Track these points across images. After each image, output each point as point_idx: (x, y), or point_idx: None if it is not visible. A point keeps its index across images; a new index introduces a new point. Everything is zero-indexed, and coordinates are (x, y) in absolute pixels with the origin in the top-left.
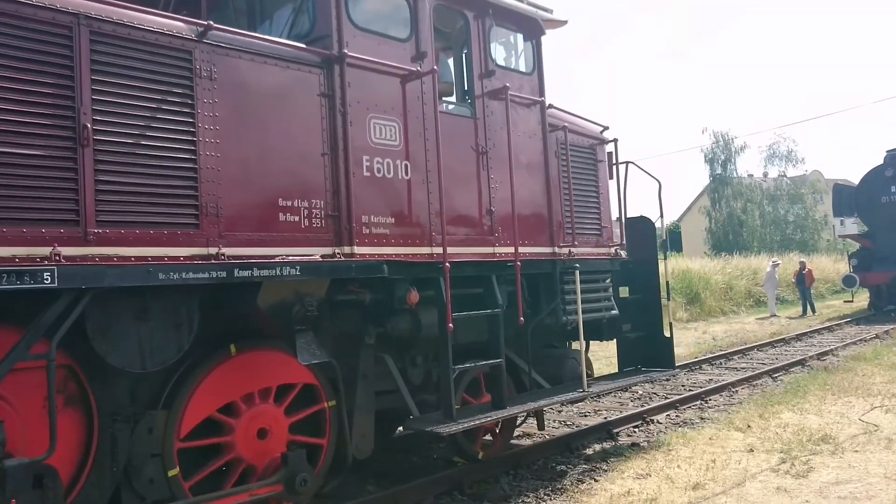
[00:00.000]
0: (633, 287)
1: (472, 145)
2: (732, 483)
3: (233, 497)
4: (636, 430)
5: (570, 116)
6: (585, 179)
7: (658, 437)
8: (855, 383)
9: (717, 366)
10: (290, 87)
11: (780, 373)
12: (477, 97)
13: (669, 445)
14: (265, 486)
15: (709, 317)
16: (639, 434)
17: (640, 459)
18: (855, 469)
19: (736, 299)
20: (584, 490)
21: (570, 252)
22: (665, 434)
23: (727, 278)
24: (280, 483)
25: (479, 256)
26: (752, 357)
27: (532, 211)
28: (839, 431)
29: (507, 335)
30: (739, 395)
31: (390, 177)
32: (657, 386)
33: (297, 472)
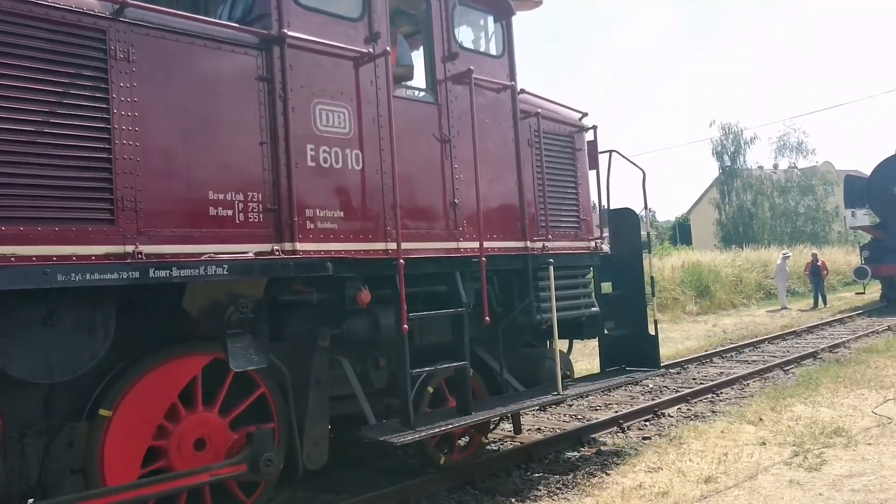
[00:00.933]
0: (616, 283)
1: (435, 133)
2: (745, 476)
3: (193, 477)
4: (647, 424)
5: (544, 102)
6: (562, 169)
7: (669, 431)
8: (867, 376)
9: (728, 359)
10: (222, 71)
11: (792, 365)
12: (440, 82)
13: (681, 439)
14: (228, 466)
15: (719, 310)
16: (650, 427)
17: (651, 453)
18: (868, 462)
19: (746, 292)
20: (595, 483)
21: (545, 246)
22: (676, 427)
23: (737, 271)
24: (244, 462)
25: (441, 252)
26: (763, 350)
27: (501, 203)
28: (852, 424)
29: (479, 335)
30: (751, 388)
31: (339, 167)
32: (668, 379)
33: (262, 452)
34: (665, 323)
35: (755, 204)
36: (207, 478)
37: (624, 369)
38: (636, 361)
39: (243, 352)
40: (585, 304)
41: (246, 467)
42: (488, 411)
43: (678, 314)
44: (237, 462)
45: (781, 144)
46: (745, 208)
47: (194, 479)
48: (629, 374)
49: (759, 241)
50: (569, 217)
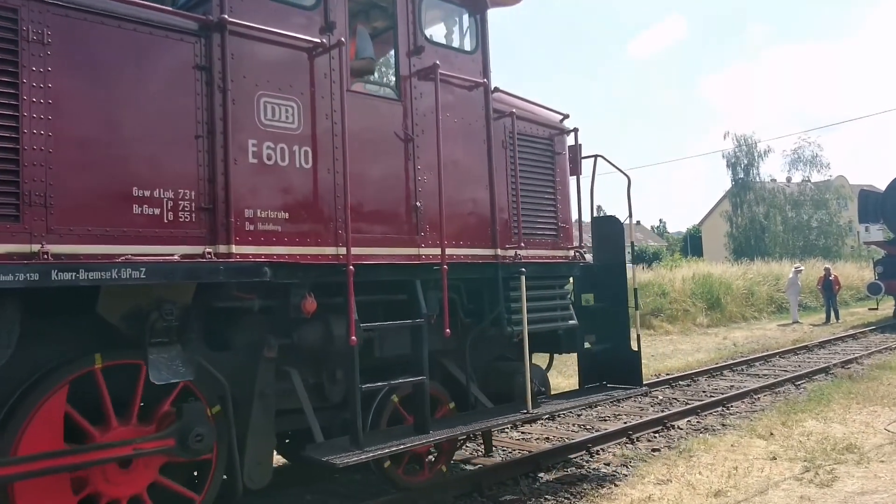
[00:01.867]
0: (599, 295)
1: (398, 132)
2: (755, 491)
3: (113, 450)
4: (656, 436)
5: (521, 102)
6: (540, 173)
7: (679, 443)
8: (880, 392)
9: (739, 372)
10: (155, 58)
11: (804, 380)
12: (404, 77)
13: (691, 451)
14: (153, 440)
15: (730, 322)
16: (659, 439)
17: (660, 465)
18: (881, 479)
19: (758, 305)
20: (604, 494)
21: (517, 255)
22: (686, 440)
23: (749, 284)
24: (171, 437)
25: (399, 259)
26: (774, 364)
27: (469, 208)
28: (864, 441)
29: (448, 347)
30: (762, 402)
31: (285, 165)
32: (677, 391)
33: (193, 427)
34: (675, 335)
35: (767, 217)
36: (130, 451)
37: (605, 386)
38: (618, 378)
39: (168, 363)
40: (562, 316)
41: (174, 442)
42: (447, 430)
43: (688, 326)
44: (164, 436)
45: (795, 157)
46: (757, 221)
47: (114, 453)
48: (608, 391)
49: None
50: (546, 224)
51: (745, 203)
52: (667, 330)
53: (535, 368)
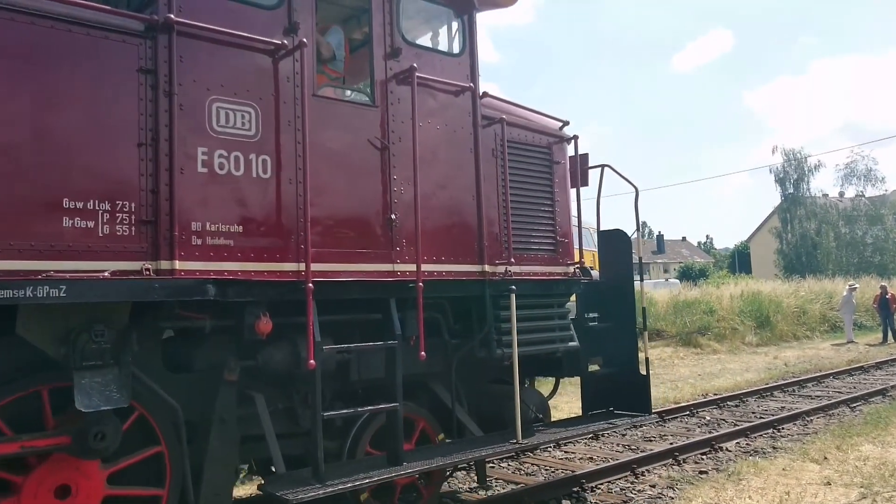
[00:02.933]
0: (605, 314)
1: (372, 139)
2: None
3: None
4: (704, 457)
5: (514, 108)
6: (536, 184)
7: (728, 466)
8: None
9: (790, 393)
10: (92, 60)
11: (859, 402)
12: (380, 82)
13: (740, 474)
14: (45, 438)
15: (780, 341)
16: (707, 461)
17: (708, 488)
18: None
19: (810, 324)
20: None
21: (508, 271)
22: (735, 462)
23: (800, 302)
24: (67, 435)
25: (371, 275)
26: (827, 385)
27: (454, 221)
28: None
29: (435, 370)
30: (814, 424)
31: (240, 174)
32: (725, 412)
33: (94, 426)
34: (723, 354)
35: (819, 233)
36: (16, 448)
37: (611, 413)
38: (626, 404)
39: (100, 388)
40: (561, 337)
41: (69, 440)
42: (423, 462)
43: (737, 345)
44: (58, 434)
45: (848, 172)
46: (808, 237)
47: None
48: (611, 419)
49: (823, 271)
50: (542, 238)
51: (795, 219)
52: (714, 349)
53: (531, 393)
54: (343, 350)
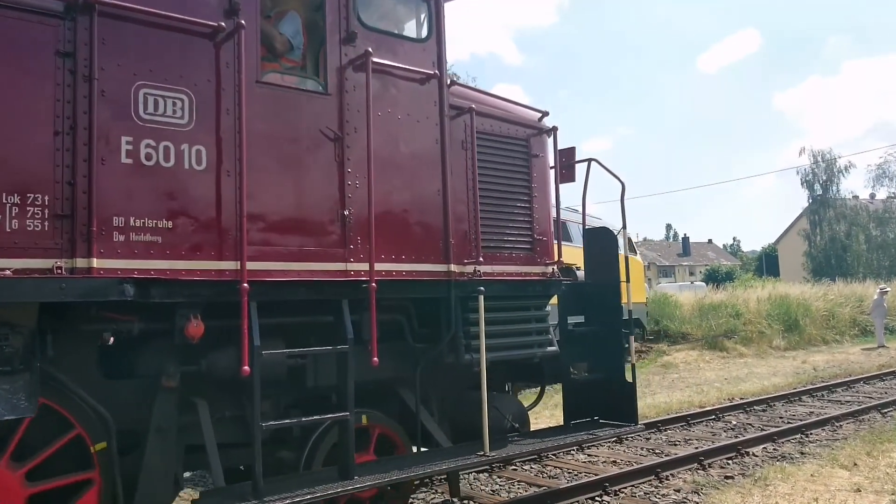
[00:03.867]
0: (590, 317)
1: (325, 129)
2: None
3: None
4: (730, 462)
5: (487, 97)
6: (511, 178)
7: (754, 471)
8: None
9: (819, 398)
10: (6, 41)
11: (891, 408)
12: (334, 68)
13: (766, 480)
14: None
15: (808, 345)
16: (732, 466)
17: (734, 493)
18: None
19: (839, 328)
20: None
21: (476, 271)
22: (762, 468)
23: (829, 305)
24: None
25: (321, 275)
26: (857, 390)
27: (416, 217)
28: None
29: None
30: (844, 429)
31: (170, 166)
32: (752, 416)
33: None
34: (750, 357)
35: (849, 235)
36: None
37: (596, 423)
38: (612, 413)
39: (7, 396)
40: (539, 341)
41: None
42: (376, 476)
43: (764, 348)
44: None
45: (880, 173)
46: (837, 239)
47: None
48: (592, 430)
49: (853, 274)
50: (518, 236)
51: (824, 221)
52: (741, 352)
53: (508, 401)
54: (295, 355)
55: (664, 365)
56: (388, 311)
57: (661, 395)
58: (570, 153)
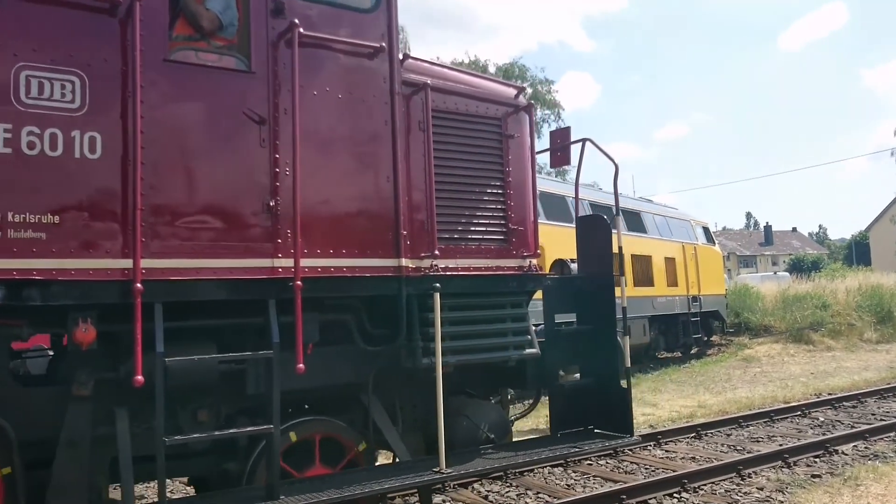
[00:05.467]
0: (582, 315)
1: (248, 111)
2: None
3: None
4: (817, 461)
5: (451, 73)
6: (481, 162)
7: (843, 470)
8: None
9: None
10: None
11: None
12: (260, 43)
13: (857, 480)
14: None
15: None
16: (820, 465)
17: (821, 492)
18: None
19: None
20: None
21: (434, 265)
22: (852, 467)
23: None
24: None
25: (241, 272)
26: None
27: (360, 206)
28: None
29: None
30: None
31: (57, 155)
32: (841, 413)
33: None
34: (838, 351)
35: None
36: None
37: (589, 433)
38: (607, 422)
39: None
40: (515, 343)
41: None
42: (308, 496)
43: (854, 341)
44: None
45: None
46: None
47: None
48: (577, 443)
49: None
50: (488, 226)
51: None
52: (828, 345)
53: (484, 409)
54: (225, 360)
55: (745, 358)
56: (333, 310)
57: (742, 389)
58: (565, 133)
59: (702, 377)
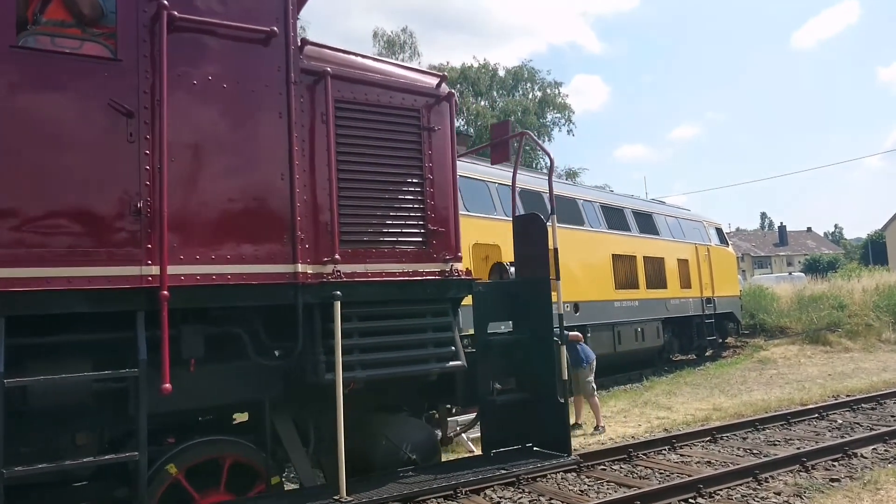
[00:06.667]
0: (519, 322)
1: (115, 103)
2: None
3: None
4: (835, 464)
5: (359, 60)
6: (396, 157)
7: (863, 474)
8: None
9: None
10: None
11: None
12: (128, 29)
13: (877, 483)
14: None
15: None
16: (839, 468)
17: (841, 497)
18: None
19: None
20: None
21: (336, 271)
22: (871, 470)
23: None
24: None
25: (102, 282)
26: None
27: (249, 207)
28: None
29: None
30: None
31: None
32: (860, 415)
33: None
34: (856, 352)
35: None
36: None
37: (527, 451)
38: (546, 439)
39: None
40: (437, 355)
41: None
42: None
43: (872, 342)
44: None
45: None
46: None
47: None
48: (505, 465)
49: None
50: (403, 227)
51: None
52: (846, 346)
53: (408, 427)
54: (100, 378)
55: (761, 360)
56: (223, 322)
57: (757, 391)
58: (503, 128)
59: (717, 379)
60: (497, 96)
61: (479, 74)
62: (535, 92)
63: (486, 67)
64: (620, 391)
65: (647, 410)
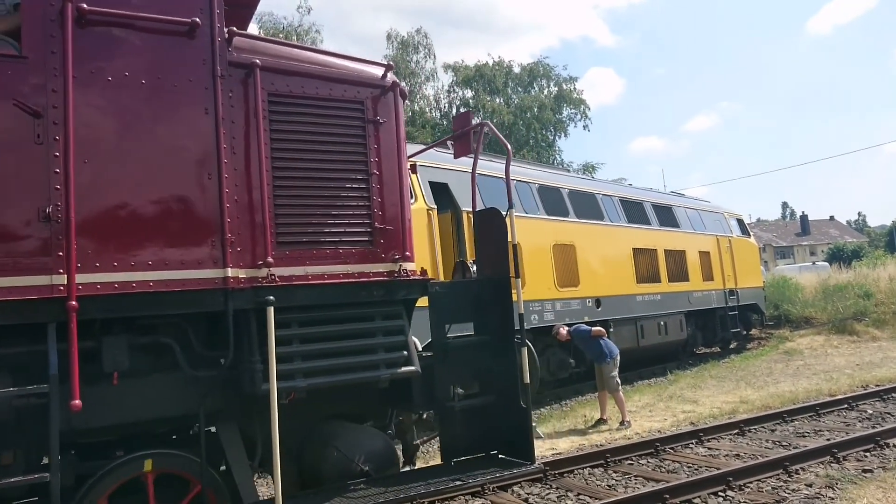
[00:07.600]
0: (480, 324)
1: (20, 103)
2: None
3: None
4: (868, 455)
5: (294, 51)
6: (338, 152)
7: None
8: None
9: None
10: None
11: None
12: (32, 23)
13: None
14: None
15: None
16: (871, 459)
17: (874, 488)
18: None
19: None
20: None
21: (270, 275)
22: None
23: None
24: None
25: (3, 293)
26: None
27: (172, 209)
28: None
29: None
30: None
31: None
32: (890, 405)
33: None
34: (884, 341)
35: None
36: None
37: (493, 459)
38: (507, 446)
39: None
40: (387, 360)
41: None
42: None
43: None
44: None
45: None
46: None
47: None
48: (462, 476)
49: None
50: (347, 226)
51: None
52: (873, 336)
53: (362, 437)
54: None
55: (787, 352)
56: (151, 332)
57: (784, 383)
58: (465, 118)
59: (742, 372)
60: (512, 93)
61: (494, 72)
62: (551, 88)
63: (501, 65)
64: (645, 385)
65: (672, 404)
